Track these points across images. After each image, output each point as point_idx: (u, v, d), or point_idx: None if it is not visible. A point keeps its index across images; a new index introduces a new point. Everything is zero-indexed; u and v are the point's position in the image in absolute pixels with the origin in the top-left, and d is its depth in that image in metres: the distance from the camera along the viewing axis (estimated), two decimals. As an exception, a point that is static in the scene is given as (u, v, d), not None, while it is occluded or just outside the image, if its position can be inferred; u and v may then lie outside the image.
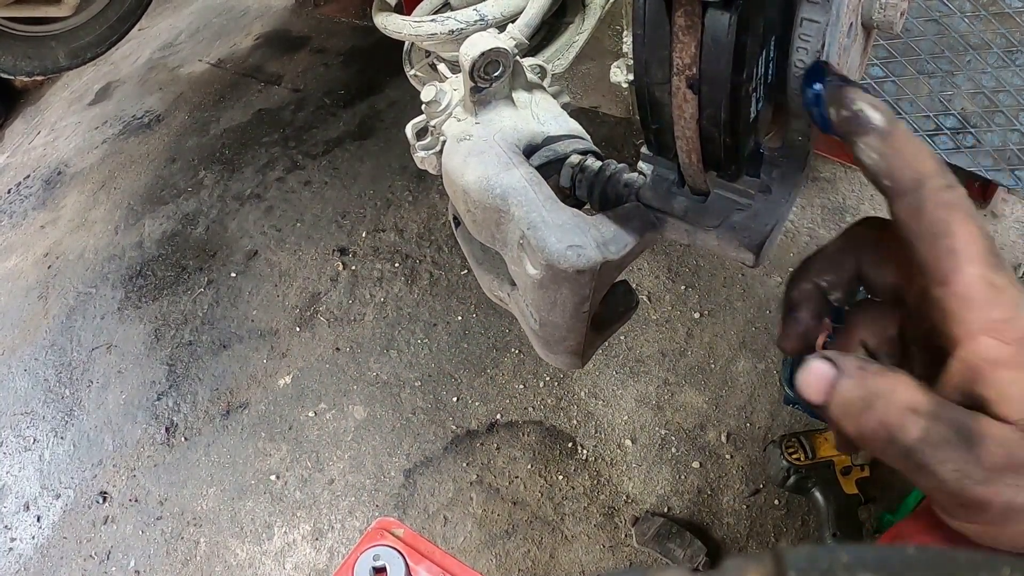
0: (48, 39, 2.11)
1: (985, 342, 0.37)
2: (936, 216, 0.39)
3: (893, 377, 0.39)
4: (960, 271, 0.38)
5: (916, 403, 0.38)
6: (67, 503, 2.08)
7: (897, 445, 0.38)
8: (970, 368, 0.38)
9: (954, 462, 0.36)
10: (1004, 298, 0.38)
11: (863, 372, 0.39)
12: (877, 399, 0.38)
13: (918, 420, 0.37)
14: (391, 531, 1.03)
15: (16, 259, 2.88)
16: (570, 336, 0.56)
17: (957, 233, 0.38)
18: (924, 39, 1.52)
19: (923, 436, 0.37)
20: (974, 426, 0.37)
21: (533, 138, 0.61)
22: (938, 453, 0.37)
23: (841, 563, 0.20)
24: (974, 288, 0.38)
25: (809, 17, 0.42)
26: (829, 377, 0.39)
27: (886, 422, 0.38)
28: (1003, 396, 0.37)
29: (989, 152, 1.57)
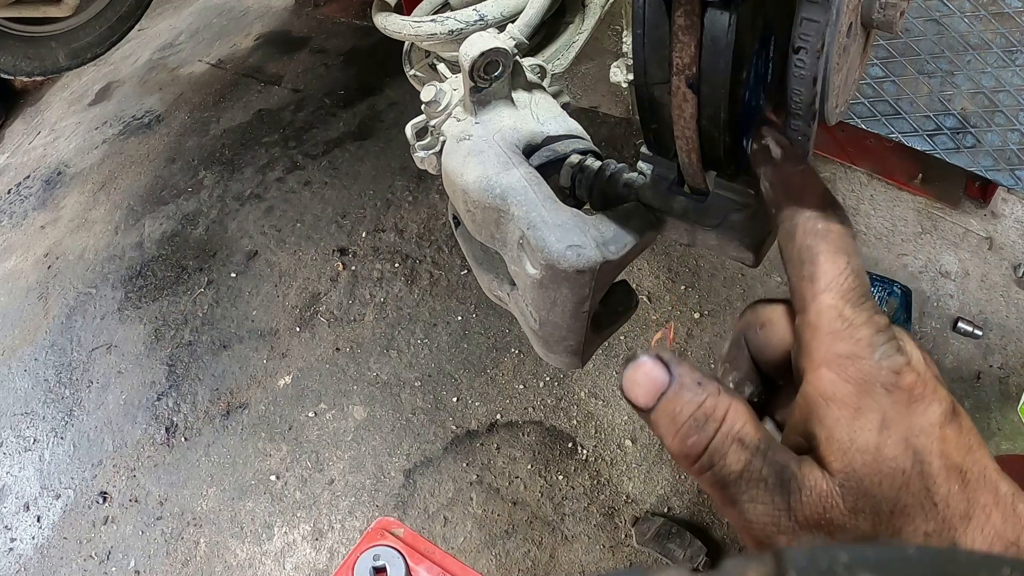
0: (48, 39, 2.11)
1: (824, 375, 0.35)
2: (804, 243, 0.38)
3: (728, 401, 0.36)
4: (815, 299, 0.37)
5: (744, 435, 0.36)
6: (67, 503, 2.08)
7: (715, 474, 0.36)
8: (807, 401, 0.36)
9: (765, 507, 0.35)
10: (854, 333, 0.35)
11: (699, 387, 0.36)
12: (708, 421, 0.36)
13: (742, 453, 0.35)
14: (391, 531, 1.03)
15: (16, 259, 2.88)
16: (570, 336, 0.56)
17: (820, 262, 0.37)
18: (924, 39, 1.52)
19: (742, 471, 0.35)
20: (797, 473, 0.35)
21: (533, 138, 0.61)
22: (752, 491, 0.35)
23: (841, 563, 0.20)
24: (824, 317, 0.36)
25: (809, 17, 0.42)
26: (660, 382, 0.37)
27: (711, 448, 0.36)
28: (830, 439, 0.35)
29: (989, 152, 1.57)
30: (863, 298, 0.36)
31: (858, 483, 0.33)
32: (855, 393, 0.34)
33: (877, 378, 0.34)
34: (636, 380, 0.37)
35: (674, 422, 0.36)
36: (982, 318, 1.93)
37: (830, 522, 0.33)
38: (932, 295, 1.99)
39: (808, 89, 0.45)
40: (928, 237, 2.11)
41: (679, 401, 0.36)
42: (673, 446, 0.37)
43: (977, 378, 1.85)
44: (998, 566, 0.20)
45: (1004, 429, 1.76)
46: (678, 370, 0.37)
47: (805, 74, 0.44)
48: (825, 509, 0.33)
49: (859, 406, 0.34)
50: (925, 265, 2.05)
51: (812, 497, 0.34)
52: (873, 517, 0.33)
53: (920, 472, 0.33)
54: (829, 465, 0.34)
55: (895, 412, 0.34)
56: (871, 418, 0.34)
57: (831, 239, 0.38)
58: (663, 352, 0.38)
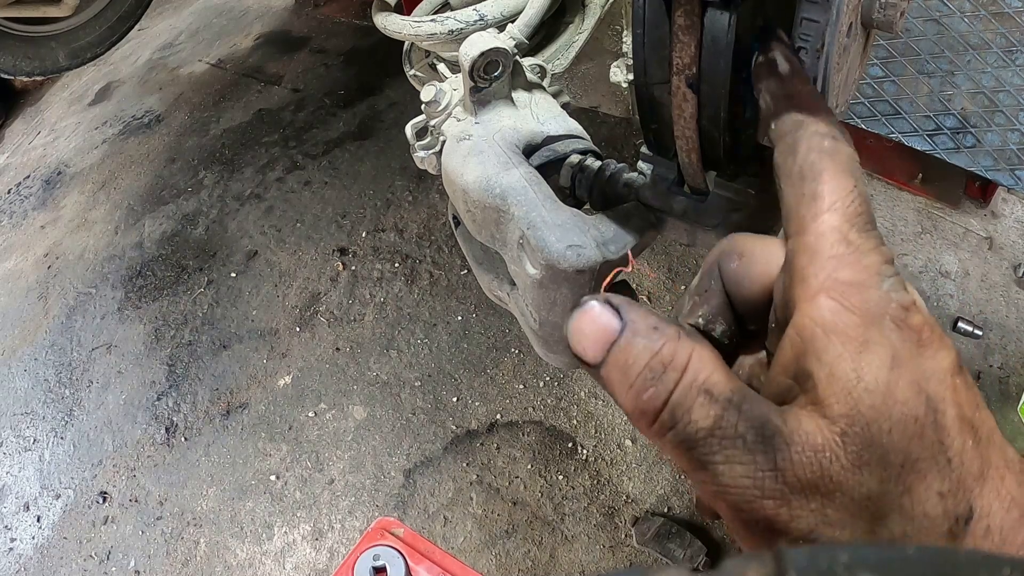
0: (48, 39, 2.11)
1: (824, 303, 0.30)
2: (808, 159, 0.33)
3: (690, 347, 0.30)
4: (817, 219, 0.31)
5: (712, 385, 0.30)
6: (67, 503, 2.08)
7: (678, 433, 0.30)
8: (802, 335, 0.30)
9: (745, 467, 0.29)
10: (859, 259, 0.31)
11: (656, 333, 0.30)
12: (666, 371, 0.30)
13: (710, 406, 0.29)
14: (391, 531, 1.03)
15: (16, 259, 2.88)
16: (570, 336, 0.56)
17: (825, 179, 0.32)
18: (924, 39, 1.52)
19: (712, 427, 0.29)
20: (782, 425, 0.29)
21: (533, 138, 0.61)
22: (727, 451, 0.29)
23: (841, 563, 0.20)
24: (826, 239, 0.31)
25: (809, 17, 0.42)
26: (611, 329, 0.31)
27: (671, 402, 0.30)
28: (831, 376, 0.29)
29: (989, 152, 1.57)
30: (870, 224, 0.32)
31: (864, 429, 0.28)
32: (861, 324, 0.29)
33: (886, 310, 0.30)
34: (582, 330, 0.31)
35: (627, 375, 0.31)
36: (982, 318, 1.93)
37: (828, 480, 0.28)
38: (932, 295, 1.99)
39: (808, 89, 0.45)
40: (928, 237, 2.11)
41: (632, 350, 0.30)
42: (627, 402, 0.31)
43: (977, 378, 1.85)
44: (998, 566, 0.20)
45: (1004, 429, 1.76)
46: (630, 315, 0.31)
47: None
48: (822, 465, 0.28)
49: (866, 339, 0.29)
50: (925, 265, 2.05)
51: (805, 452, 0.28)
52: (880, 472, 0.28)
53: (934, 422, 0.28)
54: (829, 408, 0.29)
55: (906, 351, 0.29)
56: (880, 353, 0.29)
57: (839, 158, 0.33)
58: (613, 296, 0.32)
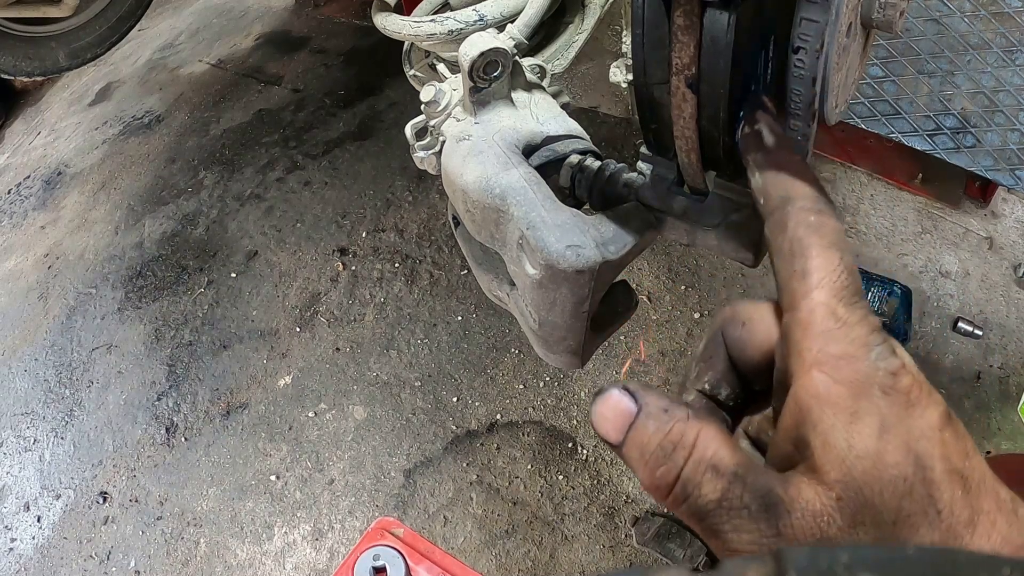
0: (48, 39, 2.11)
1: (816, 377, 0.33)
2: (796, 235, 0.36)
3: (698, 426, 0.34)
4: (807, 296, 0.34)
5: (718, 460, 0.33)
6: (67, 503, 2.08)
7: (691, 505, 0.33)
8: (799, 406, 0.34)
9: (751, 534, 0.32)
10: (847, 333, 0.33)
11: (666, 415, 0.34)
12: (676, 449, 0.34)
13: (717, 480, 0.33)
14: (391, 531, 1.03)
15: (16, 259, 2.88)
16: (569, 336, 0.56)
17: (812, 256, 0.35)
18: (924, 39, 1.52)
19: (719, 499, 0.32)
20: (783, 494, 0.32)
21: (532, 138, 0.61)
22: (735, 520, 0.32)
23: (841, 563, 0.20)
24: (816, 315, 0.34)
25: (808, 17, 0.42)
26: (628, 413, 0.35)
27: (683, 478, 0.33)
28: (826, 446, 0.32)
29: (989, 152, 1.57)
30: (856, 296, 0.35)
31: (857, 493, 0.31)
32: (851, 396, 0.32)
33: (874, 380, 0.32)
34: (604, 415, 0.36)
35: (643, 454, 0.34)
36: (982, 318, 1.93)
37: (827, 541, 0.31)
38: (932, 295, 1.99)
39: (808, 89, 0.45)
40: (928, 237, 2.11)
41: (646, 432, 0.34)
42: (645, 479, 0.35)
43: (977, 378, 1.85)
44: (998, 566, 0.20)
45: (1004, 429, 1.76)
46: (644, 399, 0.35)
47: (805, 74, 0.44)
48: (820, 528, 0.31)
49: (855, 409, 0.32)
50: (925, 265, 2.05)
51: (805, 517, 0.31)
52: (875, 529, 0.31)
53: (923, 478, 0.31)
54: (825, 475, 0.32)
55: (894, 416, 0.32)
56: (869, 422, 0.32)
57: (824, 233, 0.36)
58: (630, 383, 0.36)
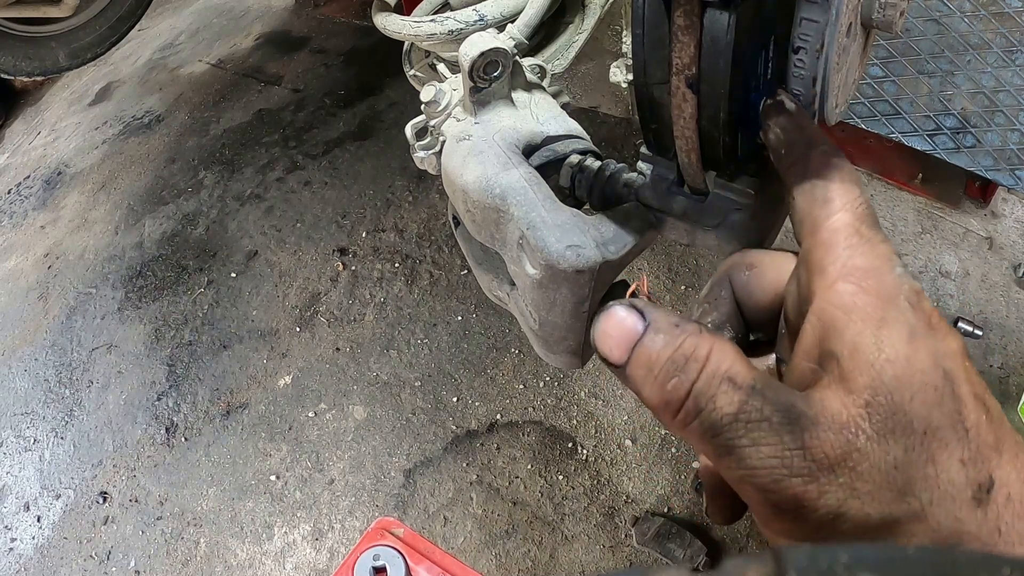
0: (48, 39, 2.11)
1: (842, 288, 0.32)
2: (819, 170, 0.36)
3: (711, 340, 0.32)
4: (830, 218, 0.34)
5: (735, 373, 0.31)
6: (67, 503, 2.08)
7: (704, 421, 0.31)
8: (823, 320, 0.32)
9: (772, 447, 0.30)
10: (872, 248, 0.33)
11: (676, 330, 0.33)
12: (688, 362, 0.32)
13: (734, 392, 0.31)
14: (391, 531, 1.03)
15: (16, 259, 2.88)
16: (569, 336, 0.56)
17: (834, 186, 0.35)
18: (924, 39, 1.52)
19: (736, 412, 0.30)
20: (805, 408, 0.30)
21: (532, 138, 0.61)
22: (753, 434, 0.30)
23: (841, 563, 0.20)
24: (840, 234, 0.34)
25: (808, 17, 0.42)
26: (634, 330, 0.33)
27: (695, 390, 0.31)
28: (854, 351, 0.31)
29: (989, 152, 1.57)
30: (877, 224, 0.35)
31: (887, 398, 0.29)
32: (879, 304, 0.31)
33: (900, 291, 0.32)
34: (607, 332, 0.34)
35: (651, 370, 0.32)
36: (982, 318, 1.93)
37: (855, 452, 0.29)
38: (932, 295, 1.99)
39: (808, 89, 0.45)
40: (928, 237, 2.11)
41: (654, 347, 0.32)
42: (651, 396, 0.33)
43: (977, 378, 1.84)
44: (998, 566, 0.20)
45: (1004, 429, 1.76)
46: (652, 315, 0.33)
47: (805, 74, 0.44)
48: (847, 440, 0.29)
49: (883, 316, 0.31)
50: (925, 265, 2.05)
51: (831, 429, 0.29)
52: (905, 440, 0.29)
53: (951, 393, 0.30)
54: (853, 382, 0.30)
55: (921, 327, 0.31)
56: (898, 328, 0.31)
57: (845, 171, 0.36)
58: (635, 300, 0.34)
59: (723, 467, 0.32)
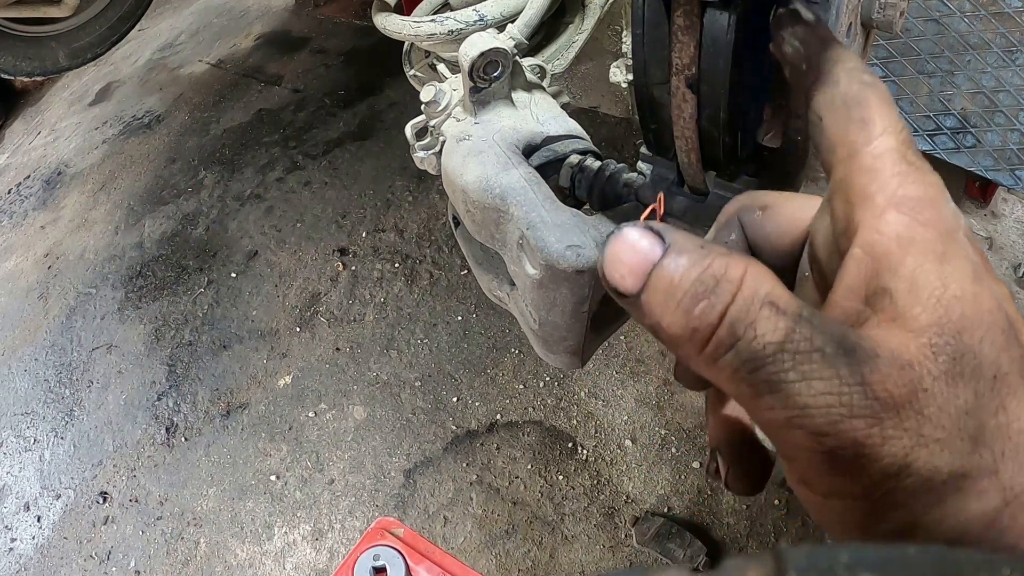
0: (48, 39, 2.11)
1: (895, 218, 0.28)
2: (851, 89, 0.32)
3: (744, 261, 0.27)
4: (871, 142, 0.30)
5: (776, 298, 0.26)
6: (67, 503, 2.08)
7: (741, 352, 0.26)
8: (873, 254, 0.28)
9: (827, 383, 0.25)
10: (925, 177, 0.29)
11: (703, 251, 0.27)
12: (719, 284, 0.26)
13: (778, 318, 0.26)
14: (391, 531, 1.03)
15: (16, 259, 2.88)
16: (569, 336, 0.56)
17: (872, 105, 0.31)
18: (924, 39, 1.52)
19: (783, 340, 0.25)
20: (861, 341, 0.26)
21: (532, 138, 0.61)
22: (804, 367, 0.25)
23: (841, 563, 0.20)
24: (885, 159, 0.30)
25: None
26: (653, 253, 0.27)
27: (730, 315, 0.26)
28: (915, 288, 0.27)
29: (989, 152, 1.57)
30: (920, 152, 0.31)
31: (955, 338, 0.26)
32: (938, 238, 0.28)
33: (959, 226, 0.28)
34: (618, 256, 0.28)
35: (673, 295, 0.27)
36: (982, 318, 1.93)
37: (922, 394, 0.25)
38: (932, 295, 1.99)
39: (808, 89, 0.45)
40: (928, 237, 2.11)
41: (677, 269, 0.27)
42: (674, 323, 0.27)
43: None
44: (998, 566, 0.20)
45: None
46: (673, 236, 0.27)
47: (805, 74, 0.44)
48: (912, 379, 0.25)
49: (945, 251, 0.27)
50: (925, 265, 2.05)
51: (895, 365, 0.25)
52: (975, 384, 0.26)
53: (1015, 338, 0.27)
54: (914, 320, 0.26)
55: (983, 266, 0.28)
56: (962, 265, 0.27)
57: (880, 90, 0.32)
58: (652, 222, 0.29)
59: (764, 409, 0.27)
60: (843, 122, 0.31)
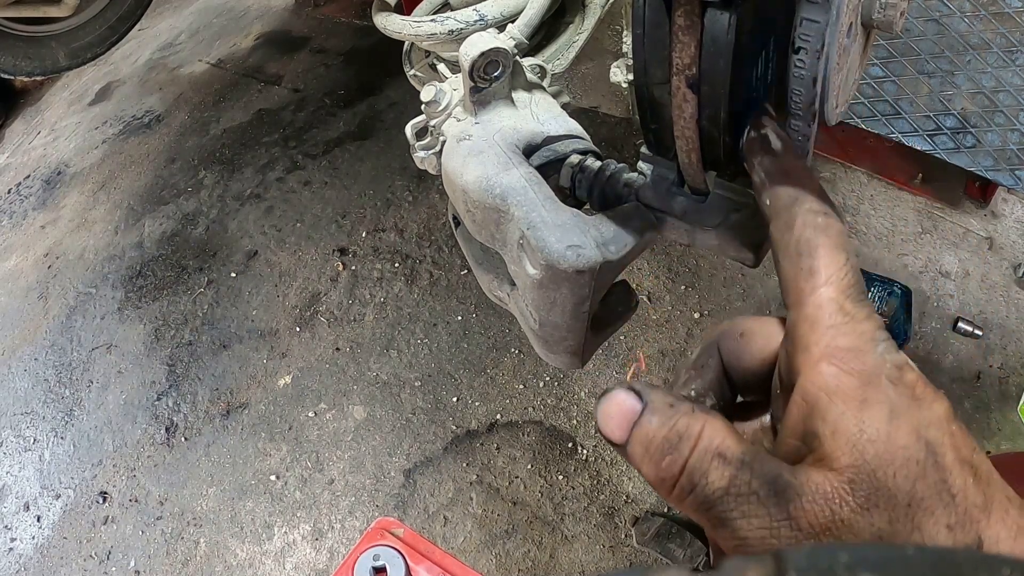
0: (48, 39, 2.11)
1: (825, 369, 0.33)
2: (804, 235, 0.37)
3: (703, 418, 0.34)
4: (814, 292, 0.35)
5: (725, 449, 0.33)
6: (67, 503, 2.08)
7: (697, 495, 0.33)
8: (807, 401, 0.34)
9: (761, 519, 0.32)
10: (855, 327, 0.34)
11: (671, 410, 0.35)
12: (681, 440, 0.34)
13: (724, 467, 0.33)
14: (391, 531, 1.03)
15: (16, 259, 2.88)
16: (570, 336, 0.56)
17: (820, 255, 0.36)
18: (924, 39, 1.52)
19: (727, 486, 0.32)
20: (791, 479, 0.32)
21: (533, 138, 0.61)
22: (744, 507, 0.32)
23: (841, 563, 0.20)
24: (823, 311, 0.35)
25: (809, 17, 0.42)
26: (632, 411, 0.35)
27: (688, 467, 0.33)
28: (836, 432, 0.32)
29: (989, 152, 1.57)
30: (862, 295, 0.35)
31: (870, 475, 0.31)
32: (860, 386, 0.33)
33: (882, 371, 0.33)
34: (609, 413, 0.36)
35: (648, 448, 0.35)
36: (982, 318, 1.93)
37: (839, 523, 0.31)
38: (932, 295, 1.99)
39: (808, 89, 0.45)
40: (928, 237, 2.11)
41: (651, 426, 0.35)
42: (650, 473, 0.35)
43: (977, 378, 1.85)
44: (998, 566, 0.20)
45: (1004, 429, 1.76)
46: (650, 396, 0.35)
47: (805, 74, 0.44)
48: (832, 510, 0.31)
49: (864, 398, 0.32)
50: (925, 265, 2.05)
51: (816, 500, 0.31)
52: (889, 512, 0.31)
53: (935, 463, 0.31)
54: (836, 461, 0.32)
55: (903, 404, 0.32)
56: (879, 409, 0.32)
57: (831, 234, 0.37)
58: (635, 382, 0.36)
59: (719, 537, 0.33)
60: (794, 269, 0.37)
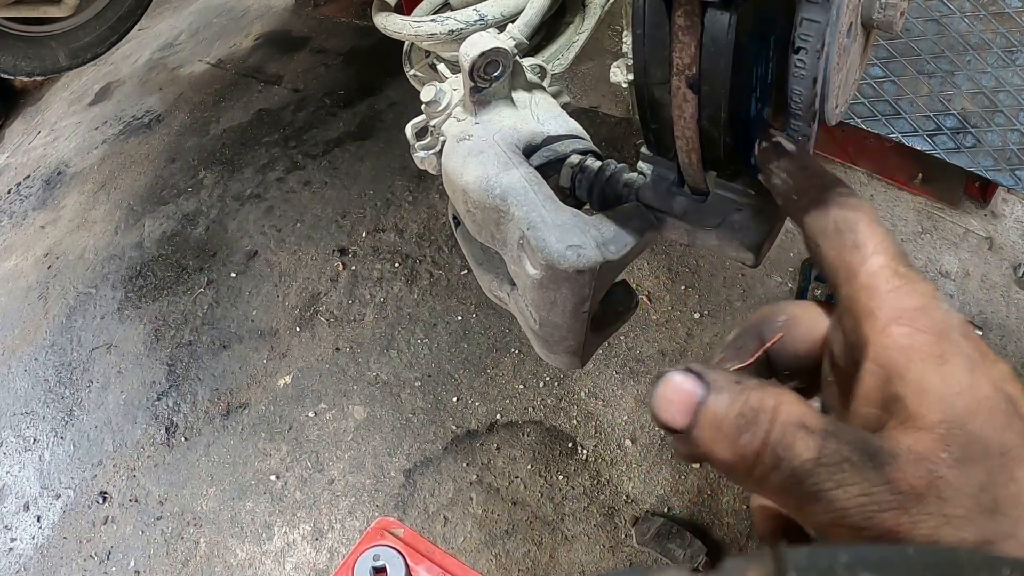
0: (48, 39, 2.11)
1: (897, 331, 0.33)
2: (841, 215, 0.38)
3: (776, 392, 0.33)
4: (865, 262, 0.35)
5: (807, 419, 0.32)
6: (67, 503, 2.08)
7: (784, 470, 0.31)
8: (882, 366, 0.33)
9: (858, 486, 0.30)
10: (915, 287, 0.34)
11: (738, 387, 0.33)
12: (759, 416, 0.32)
13: (810, 438, 0.31)
14: (391, 531, 1.03)
15: (16, 259, 2.88)
16: (570, 336, 0.56)
17: (861, 229, 0.37)
18: (924, 39, 1.52)
19: (817, 456, 0.31)
20: (882, 444, 0.31)
21: (533, 138, 0.61)
22: (837, 476, 0.30)
23: (841, 563, 0.20)
24: (879, 277, 0.35)
25: (809, 17, 0.42)
26: (693, 393, 0.33)
27: (771, 442, 0.31)
28: (921, 391, 0.31)
29: (989, 152, 1.57)
30: (908, 258, 0.36)
31: (962, 429, 0.30)
32: (936, 341, 0.32)
33: (952, 325, 0.33)
34: (668, 397, 0.34)
35: (720, 429, 0.33)
36: (982, 318, 1.93)
37: (939, 481, 0.30)
38: (932, 295, 1.99)
39: (808, 89, 0.45)
40: (928, 237, 2.11)
41: (720, 406, 0.33)
42: (725, 454, 0.33)
43: (977, 378, 1.84)
44: (998, 566, 0.20)
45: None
46: (712, 376, 0.33)
47: (805, 74, 0.44)
48: (929, 470, 0.30)
49: (943, 352, 0.32)
50: (925, 265, 2.05)
51: (912, 461, 0.30)
52: (985, 463, 0.30)
53: (1016, 413, 0.31)
54: (924, 419, 0.31)
55: (978, 356, 0.32)
56: (959, 361, 0.32)
57: (866, 209, 0.37)
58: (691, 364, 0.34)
59: (809, 514, 0.32)
60: (838, 247, 0.37)
